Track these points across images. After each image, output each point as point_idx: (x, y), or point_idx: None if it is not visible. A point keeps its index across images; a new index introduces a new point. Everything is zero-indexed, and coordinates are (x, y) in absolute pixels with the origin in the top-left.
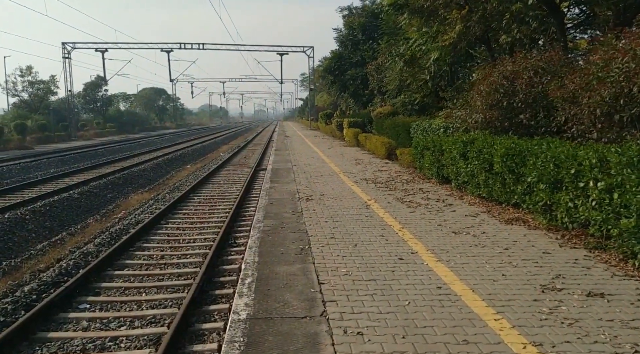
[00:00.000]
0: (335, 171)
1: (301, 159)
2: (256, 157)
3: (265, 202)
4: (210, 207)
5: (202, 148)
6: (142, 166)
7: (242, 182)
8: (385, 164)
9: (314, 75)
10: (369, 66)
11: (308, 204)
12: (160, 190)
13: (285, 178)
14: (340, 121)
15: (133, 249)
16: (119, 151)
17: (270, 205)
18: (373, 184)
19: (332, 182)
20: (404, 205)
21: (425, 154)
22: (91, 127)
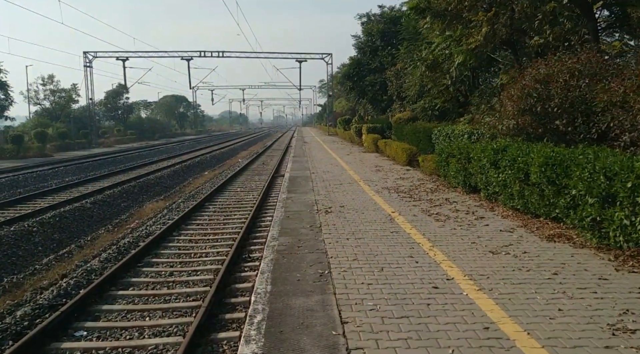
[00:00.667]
0: (355, 179)
1: (320, 166)
2: (274, 163)
3: (281, 215)
4: (226, 217)
5: (220, 154)
6: (159, 174)
7: (259, 189)
8: (406, 172)
9: (332, 82)
10: (388, 72)
11: (327, 217)
12: (176, 198)
13: (303, 187)
14: (359, 127)
15: (140, 265)
16: (138, 158)
17: (286, 219)
18: (396, 194)
19: (352, 191)
20: (431, 218)
21: (450, 162)
22: (112, 135)
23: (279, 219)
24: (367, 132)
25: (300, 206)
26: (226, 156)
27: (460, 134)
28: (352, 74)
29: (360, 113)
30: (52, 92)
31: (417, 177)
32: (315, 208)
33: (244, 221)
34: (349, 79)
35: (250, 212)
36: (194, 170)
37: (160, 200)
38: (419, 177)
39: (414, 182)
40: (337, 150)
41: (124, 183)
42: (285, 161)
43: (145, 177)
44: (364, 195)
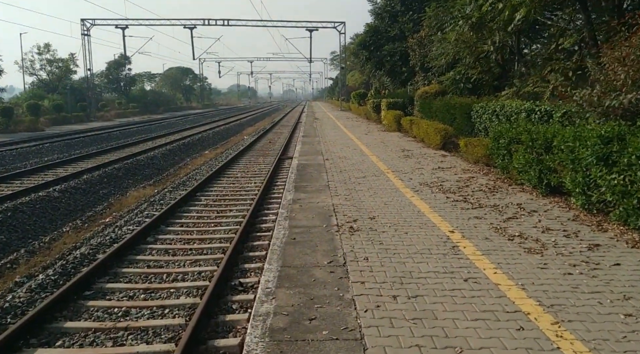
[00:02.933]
0: (380, 169)
1: (334, 149)
2: (282, 142)
3: (284, 235)
4: (218, 214)
5: (225, 130)
6: (152, 153)
7: (262, 175)
8: (442, 158)
9: (345, 53)
10: (410, 40)
11: (354, 242)
12: (166, 184)
13: (314, 181)
14: (377, 102)
15: (90, 294)
16: (136, 133)
17: (291, 244)
18: (442, 195)
19: (381, 189)
20: (515, 246)
21: (515, 150)
22: (112, 108)
23: (280, 243)
24: (387, 108)
25: (312, 216)
26: (231, 133)
27: (515, 111)
28: (369, 42)
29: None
30: (49, 62)
31: (461, 167)
32: (334, 221)
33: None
34: (365, 48)
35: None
36: (193, 149)
37: (149, 186)
38: (463, 167)
39: (460, 176)
40: (352, 128)
41: (109, 164)
42: (294, 139)
43: (135, 158)
44: (399, 196)
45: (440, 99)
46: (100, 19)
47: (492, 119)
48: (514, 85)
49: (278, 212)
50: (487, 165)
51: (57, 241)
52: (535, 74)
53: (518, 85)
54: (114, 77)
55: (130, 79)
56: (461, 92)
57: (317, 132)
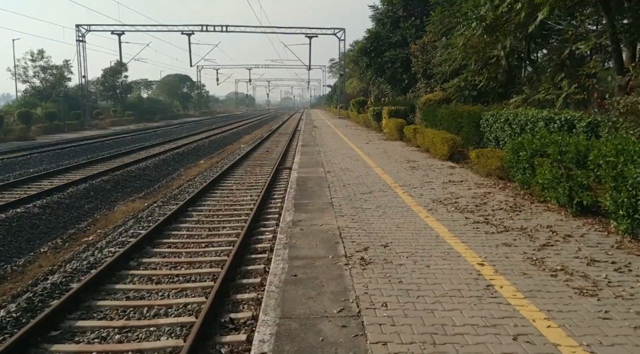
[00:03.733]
0: (387, 183)
1: (335, 159)
2: (279, 150)
3: (282, 272)
4: (210, 232)
5: (221, 139)
6: (145, 163)
7: (259, 187)
8: (451, 170)
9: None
10: (413, 46)
11: (367, 280)
12: (157, 197)
13: (317, 198)
14: (378, 110)
15: (56, 335)
16: (130, 142)
17: (291, 284)
18: (459, 214)
19: (390, 208)
20: (562, 284)
21: (542, 164)
22: (107, 116)
23: (278, 282)
24: (388, 116)
25: (316, 243)
26: (227, 141)
27: (531, 120)
28: (370, 48)
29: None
30: (43, 69)
31: (473, 180)
32: (341, 250)
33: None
34: (365, 54)
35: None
36: (188, 158)
37: (139, 199)
38: (476, 180)
39: (474, 191)
40: (352, 137)
41: (97, 176)
42: (292, 148)
43: (126, 169)
44: (412, 216)
45: (445, 106)
46: (96, 25)
47: (505, 129)
48: (523, 93)
49: (276, 236)
50: (501, 178)
51: (33, 263)
52: (547, 81)
53: (527, 93)
54: (110, 84)
55: (127, 86)
56: (466, 99)
57: (317, 141)
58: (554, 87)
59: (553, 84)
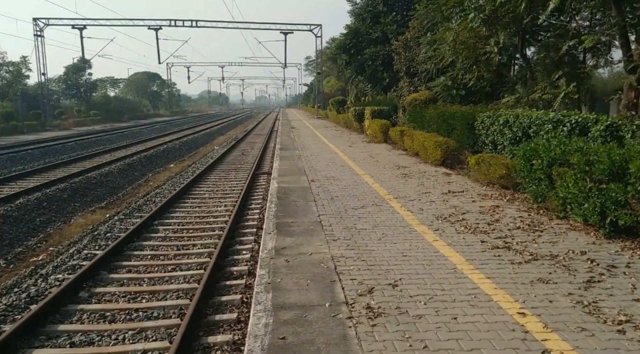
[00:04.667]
0: (380, 195)
1: (318, 166)
2: (256, 153)
3: (266, 332)
4: (178, 252)
5: (194, 140)
6: (109, 167)
7: (234, 195)
8: (447, 178)
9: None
10: (395, 42)
11: (380, 345)
12: (121, 206)
13: (302, 216)
14: (360, 110)
15: None
16: (94, 144)
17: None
18: (472, 236)
19: (390, 228)
20: (636, 345)
21: (564, 175)
22: (71, 115)
23: (260, 349)
24: (371, 116)
25: (307, 282)
26: (200, 142)
27: (535, 122)
28: (349, 45)
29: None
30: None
31: (475, 190)
32: (339, 293)
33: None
34: (344, 51)
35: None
36: (157, 162)
37: (100, 209)
38: (478, 190)
39: (479, 203)
40: (333, 139)
41: (53, 184)
42: (269, 150)
43: (87, 175)
44: (418, 240)
45: (434, 107)
46: (55, 19)
47: (504, 132)
48: (516, 92)
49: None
50: (505, 188)
51: None
52: (543, 80)
53: (520, 92)
54: (73, 82)
55: (91, 84)
56: (453, 99)
57: (296, 144)
58: (551, 86)
59: (550, 82)
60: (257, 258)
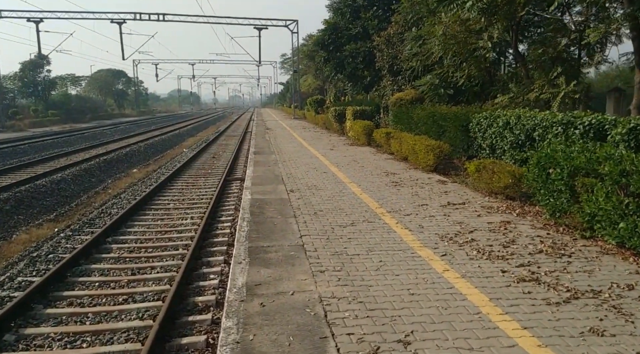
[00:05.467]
0: (370, 207)
1: (298, 172)
2: (228, 156)
3: None
4: (133, 276)
5: (161, 142)
6: (63, 173)
7: (203, 204)
8: (442, 186)
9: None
10: (377, 38)
11: None
12: (73, 219)
13: (280, 238)
14: (341, 110)
15: None
16: (50, 147)
17: None
18: (489, 264)
19: (389, 254)
20: None
21: (592, 187)
22: (27, 115)
23: None
24: (353, 117)
25: (288, 343)
26: (167, 145)
27: (542, 125)
28: (328, 41)
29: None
30: None
31: (477, 202)
32: None
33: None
34: (323, 47)
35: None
36: (118, 166)
37: (48, 222)
38: (481, 202)
39: (486, 218)
40: (313, 141)
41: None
42: (242, 154)
43: (36, 182)
44: (424, 269)
45: (422, 107)
46: (8, 11)
47: (505, 135)
48: (510, 91)
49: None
50: (511, 198)
51: None
52: (540, 78)
53: (515, 91)
54: (30, 80)
55: (50, 82)
56: (440, 99)
57: (272, 147)
58: (549, 84)
59: (548, 81)
60: (226, 283)
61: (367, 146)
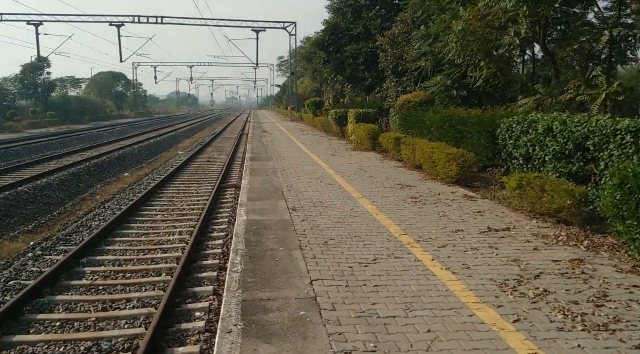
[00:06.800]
0: (392, 234)
1: (299, 183)
2: (223, 160)
3: None
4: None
5: (156, 144)
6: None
7: (194, 216)
8: (472, 203)
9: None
10: (381, 38)
11: None
12: (53, 230)
13: (284, 284)
14: (342, 112)
15: None
16: (43, 148)
17: None
18: (591, 342)
19: (437, 316)
20: None
21: None
22: (25, 116)
23: None
24: (355, 120)
25: None
26: (163, 147)
27: (603, 132)
28: (328, 42)
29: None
30: None
31: (523, 226)
32: None
33: None
34: (322, 48)
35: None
36: (109, 170)
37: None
38: (529, 227)
39: (545, 253)
40: (312, 145)
41: None
42: (238, 158)
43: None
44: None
45: (434, 110)
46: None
47: (546, 143)
48: (536, 92)
49: None
50: (566, 222)
51: None
52: (576, 78)
53: (542, 92)
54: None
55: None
56: (452, 101)
57: (269, 151)
58: (586, 85)
59: (585, 80)
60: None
61: (372, 151)
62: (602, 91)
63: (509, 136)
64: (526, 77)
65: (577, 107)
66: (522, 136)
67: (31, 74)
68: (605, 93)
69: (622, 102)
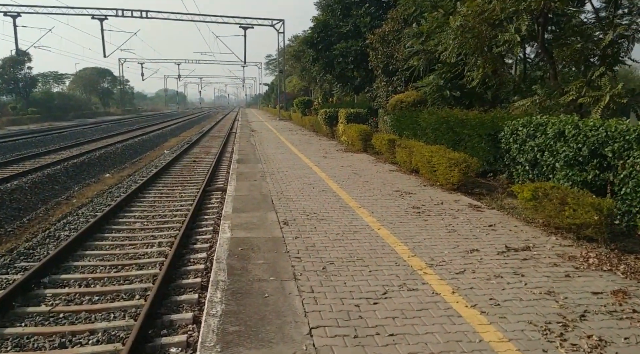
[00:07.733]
0: (400, 255)
1: (290, 190)
2: (210, 160)
3: None
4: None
5: (141, 143)
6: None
7: (176, 224)
8: (480, 214)
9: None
10: (371, 36)
11: None
12: (20, 240)
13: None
14: (332, 112)
15: None
16: (22, 147)
17: None
18: None
19: None
20: None
21: None
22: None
23: None
24: (346, 120)
25: None
26: (148, 146)
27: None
28: (317, 39)
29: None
30: None
31: (546, 246)
32: None
33: None
34: (311, 46)
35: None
36: (89, 170)
37: None
38: (550, 246)
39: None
40: (302, 146)
41: None
42: (226, 158)
43: None
44: None
45: (429, 111)
46: None
47: (556, 148)
48: (534, 93)
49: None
50: (590, 239)
51: None
52: (578, 79)
53: (541, 94)
54: (10, 76)
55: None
56: (445, 101)
57: (257, 153)
58: (588, 86)
59: (587, 81)
60: None
61: (363, 153)
62: (606, 92)
63: (513, 140)
64: (519, 78)
65: (576, 109)
66: (528, 140)
67: (11, 68)
68: (609, 95)
69: (625, 104)
